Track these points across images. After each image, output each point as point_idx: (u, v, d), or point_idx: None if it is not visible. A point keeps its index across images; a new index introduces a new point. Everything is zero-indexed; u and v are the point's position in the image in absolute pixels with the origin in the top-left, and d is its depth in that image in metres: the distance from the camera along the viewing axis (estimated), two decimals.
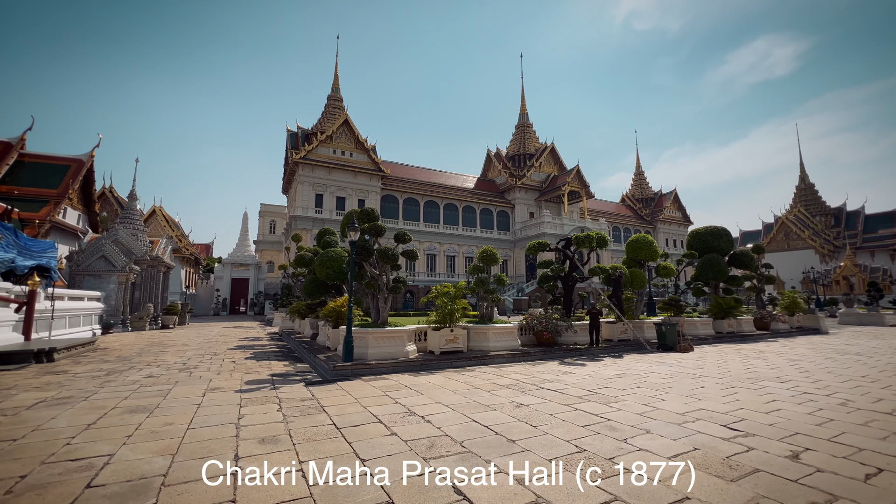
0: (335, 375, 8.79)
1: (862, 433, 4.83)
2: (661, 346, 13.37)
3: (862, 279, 49.68)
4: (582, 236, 13.38)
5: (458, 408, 5.99)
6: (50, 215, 30.09)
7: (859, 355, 11.49)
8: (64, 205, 32.16)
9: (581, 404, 6.18)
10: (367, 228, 10.70)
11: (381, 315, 10.78)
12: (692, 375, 8.63)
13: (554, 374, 8.77)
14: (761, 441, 4.57)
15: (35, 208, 30.47)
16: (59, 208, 30.97)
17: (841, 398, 6.53)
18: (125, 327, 21.64)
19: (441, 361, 10.14)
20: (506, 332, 11.99)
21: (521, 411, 5.81)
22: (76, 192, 33.66)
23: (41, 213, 30.45)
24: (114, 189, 52.08)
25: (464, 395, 6.78)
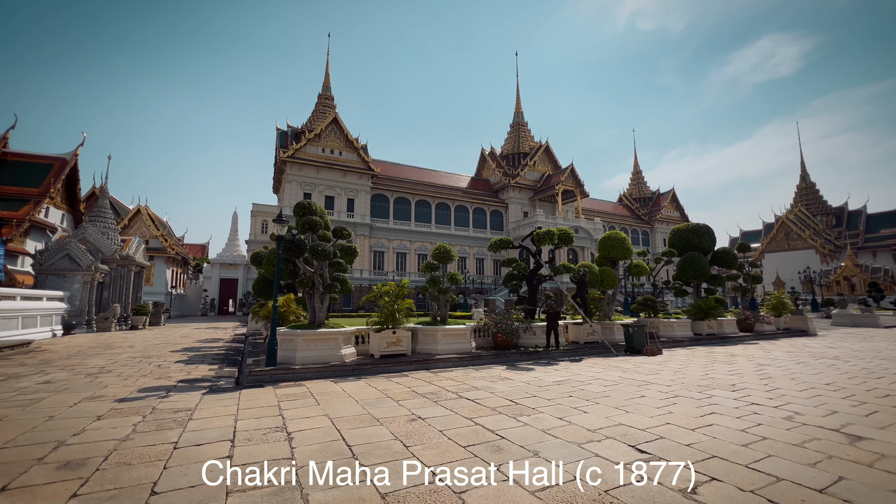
0: (250, 381, 8.07)
1: (791, 457, 4.05)
2: (629, 348, 12.57)
3: (863, 279, 48.45)
4: (542, 232, 12.58)
5: (343, 422, 5.24)
6: (29, 214, 29.60)
7: (836, 359, 10.64)
8: (46, 204, 31.71)
9: (486, 418, 5.41)
10: (302, 223, 9.98)
11: (318, 316, 10.05)
12: (639, 382, 7.84)
13: (489, 381, 8.00)
14: (664, 467, 3.79)
15: (16, 207, 29.99)
16: (39, 207, 30.48)
17: (790, 411, 5.73)
18: (90, 328, 21.03)
19: (377, 366, 9.40)
20: (457, 334, 11.23)
21: (411, 426, 5.06)
22: (59, 191, 33.20)
23: (20, 212, 29.95)
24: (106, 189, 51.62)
25: (364, 406, 6.03)
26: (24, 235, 29.55)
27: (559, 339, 11.93)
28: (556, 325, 11.84)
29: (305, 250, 9.55)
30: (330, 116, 46.40)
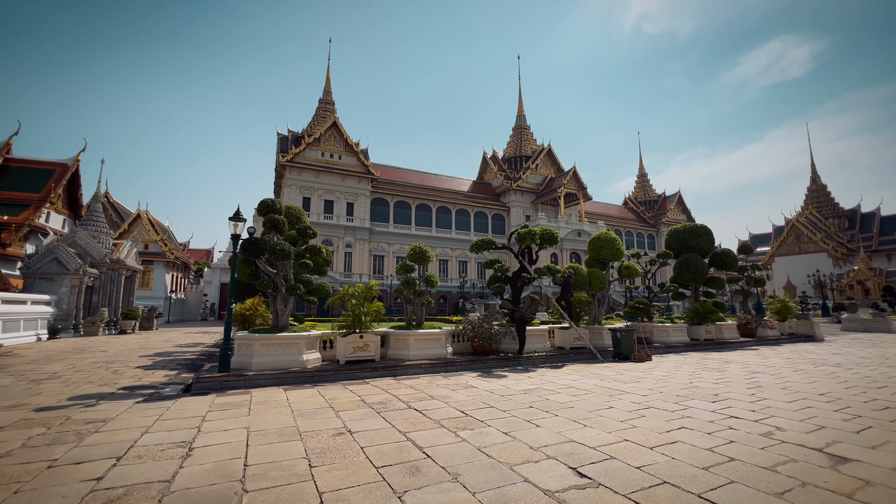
0: (198, 389, 7.58)
1: (756, 483, 3.42)
2: (617, 354, 11.88)
3: (877, 283, 46.90)
4: (523, 232, 11.98)
5: (259, 437, 4.70)
6: (29, 219, 29.76)
7: (837, 367, 9.86)
8: (47, 209, 31.90)
9: (422, 432, 4.84)
10: (265, 222, 9.52)
11: (280, 319, 9.55)
12: (613, 392, 7.19)
13: (450, 390, 7.42)
14: (598, 498, 3.19)
15: (17, 212, 30.20)
16: (39, 212, 30.63)
17: (771, 426, 5.07)
18: (77, 332, 20.81)
19: (340, 372, 8.86)
20: (431, 338, 10.65)
21: (333, 442, 4.50)
22: (61, 197, 33.41)
23: (20, 217, 30.13)
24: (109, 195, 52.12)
25: (297, 418, 5.49)
26: (24, 240, 29.70)
27: (524, 345, 11.28)
28: (523, 329, 11.20)
29: (265, 250, 9.07)
30: (329, 121, 46.31)
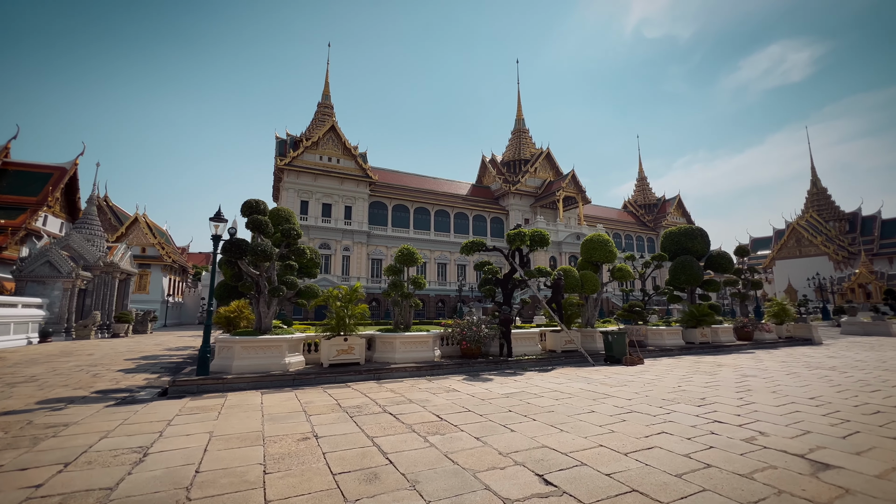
0: (174, 392, 7.42)
1: (731, 492, 3.24)
2: (608, 358, 11.68)
3: (879, 287, 46.56)
4: (513, 233, 11.82)
5: (220, 441, 4.53)
6: (26, 223, 29.75)
7: (832, 370, 9.65)
8: (45, 212, 31.92)
9: (390, 437, 4.66)
10: (247, 223, 9.38)
11: (264, 322, 9.38)
12: (598, 395, 7.01)
13: (431, 393, 7.24)
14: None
15: (14, 216, 30.22)
16: (35, 215, 30.63)
17: (754, 430, 4.88)
18: (68, 336, 20.66)
19: (322, 376, 8.68)
20: (418, 341, 10.48)
21: (296, 447, 4.33)
22: (59, 200, 33.42)
23: (17, 220, 30.15)
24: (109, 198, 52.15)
25: (265, 422, 5.32)
26: (21, 243, 29.63)
27: (511, 347, 11.10)
28: (507, 332, 11.02)
29: (247, 251, 8.93)
30: (328, 124, 46.32)
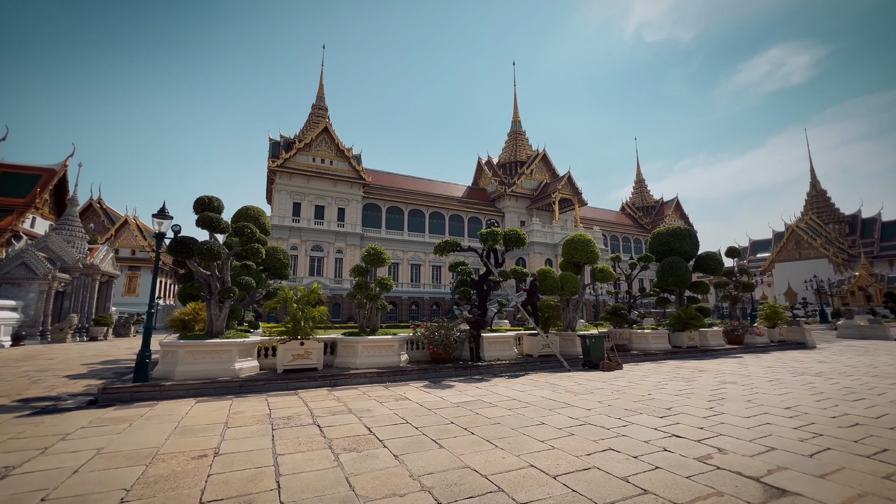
0: (105, 400, 6.92)
1: None
2: (587, 363, 11.15)
3: (879, 289, 45.85)
4: (485, 233, 11.33)
5: (104, 459, 4.02)
6: (12, 225, 29.37)
7: (818, 376, 9.10)
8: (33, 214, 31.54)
9: (297, 455, 4.15)
10: (198, 220, 8.90)
11: (215, 325, 8.88)
12: (557, 405, 6.48)
13: (378, 402, 6.72)
14: None
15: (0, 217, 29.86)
16: (22, 217, 30.24)
17: (713, 446, 4.36)
18: (44, 339, 20.21)
19: (272, 382, 8.18)
20: (383, 345, 9.97)
21: (186, 466, 3.82)
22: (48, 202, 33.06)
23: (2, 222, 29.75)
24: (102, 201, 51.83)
25: (173, 436, 4.81)
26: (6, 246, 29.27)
27: (479, 351, 10.57)
28: (477, 335, 10.50)
29: (194, 251, 8.44)
30: (321, 126, 45.99)
